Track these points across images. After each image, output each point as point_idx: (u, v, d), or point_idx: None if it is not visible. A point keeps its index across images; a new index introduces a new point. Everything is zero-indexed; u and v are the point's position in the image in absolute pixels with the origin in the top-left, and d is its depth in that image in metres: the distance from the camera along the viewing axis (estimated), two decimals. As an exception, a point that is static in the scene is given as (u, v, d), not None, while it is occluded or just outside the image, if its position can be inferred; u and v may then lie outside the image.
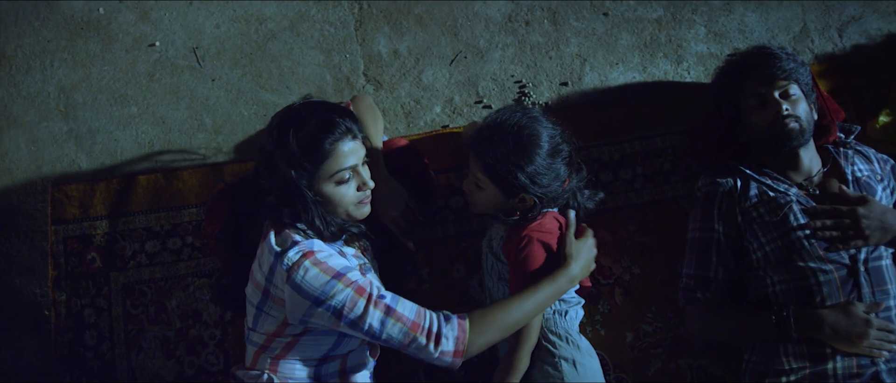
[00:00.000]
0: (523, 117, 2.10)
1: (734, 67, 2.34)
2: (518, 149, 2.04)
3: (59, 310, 2.53)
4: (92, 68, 2.78)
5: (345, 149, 1.95)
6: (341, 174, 1.96)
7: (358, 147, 1.99)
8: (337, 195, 1.99)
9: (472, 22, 2.79)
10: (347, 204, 2.02)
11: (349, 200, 2.01)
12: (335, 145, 1.93)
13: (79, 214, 2.59)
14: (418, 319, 1.90)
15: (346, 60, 2.76)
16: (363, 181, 2.01)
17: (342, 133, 1.94)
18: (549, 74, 2.73)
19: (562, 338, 2.15)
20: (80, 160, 2.69)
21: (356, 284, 1.89)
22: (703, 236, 2.28)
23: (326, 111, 1.98)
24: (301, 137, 1.91)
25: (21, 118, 2.74)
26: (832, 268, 2.09)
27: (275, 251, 1.94)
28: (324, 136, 1.92)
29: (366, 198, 2.05)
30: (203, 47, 2.80)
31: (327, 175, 1.95)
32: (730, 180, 2.29)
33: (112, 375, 2.48)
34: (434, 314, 1.92)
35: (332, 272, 1.89)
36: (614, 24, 2.77)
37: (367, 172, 2.03)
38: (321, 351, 2.02)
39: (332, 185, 1.97)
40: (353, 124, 1.99)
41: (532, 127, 2.08)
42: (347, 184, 1.99)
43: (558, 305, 2.18)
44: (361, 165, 2.01)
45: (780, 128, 2.19)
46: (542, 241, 2.09)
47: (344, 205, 2.02)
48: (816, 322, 2.03)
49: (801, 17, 2.76)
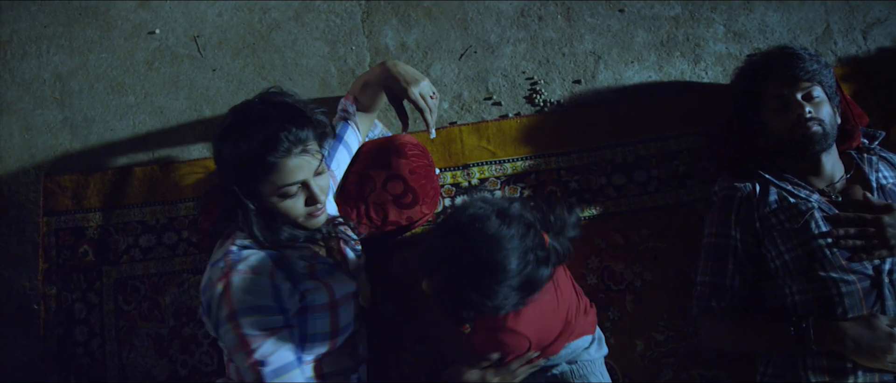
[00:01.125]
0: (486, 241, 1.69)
1: (755, 68, 2.28)
2: (478, 272, 1.69)
3: (48, 305, 2.48)
4: (89, 55, 2.72)
5: (290, 165, 1.86)
6: (286, 189, 1.89)
7: (307, 161, 1.90)
8: (283, 208, 1.93)
9: (482, 16, 2.73)
10: (295, 217, 1.96)
11: (296, 213, 1.95)
12: (280, 161, 1.85)
13: (72, 206, 2.54)
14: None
15: (352, 52, 2.70)
16: (311, 194, 1.93)
17: (286, 150, 1.85)
18: (561, 72, 2.67)
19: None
20: (75, 149, 2.64)
21: (244, 336, 1.80)
22: (720, 242, 2.22)
23: (277, 120, 1.87)
24: (242, 150, 1.84)
25: (15, 105, 2.69)
26: (855, 279, 2.02)
27: (211, 260, 1.92)
28: (266, 153, 1.83)
29: (317, 210, 1.97)
30: (204, 36, 2.73)
31: (271, 189, 1.89)
32: (748, 185, 2.24)
33: (102, 373, 2.44)
34: None
35: (228, 310, 1.82)
36: (630, 21, 2.71)
37: (318, 184, 1.94)
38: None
39: (277, 199, 1.91)
40: (307, 131, 1.91)
41: (501, 254, 1.68)
42: (294, 198, 1.92)
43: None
44: (313, 177, 1.92)
45: (802, 132, 2.14)
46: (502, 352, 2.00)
47: (292, 218, 1.96)
48: (837, 335, 1.96)
49: (825, 17, 2.69)
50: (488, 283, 1.67)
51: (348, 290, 2.05)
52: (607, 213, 2.50)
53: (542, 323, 1.98)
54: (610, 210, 2.51)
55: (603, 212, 2.50)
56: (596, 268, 2.47)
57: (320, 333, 1.96)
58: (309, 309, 1.95)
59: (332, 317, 1.97)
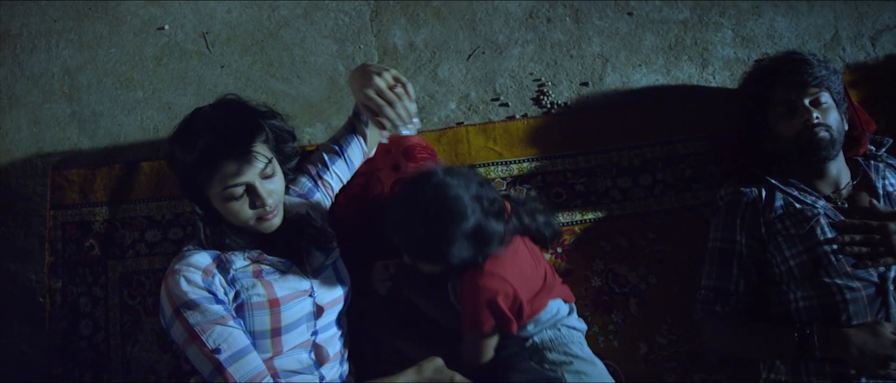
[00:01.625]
0: (432, 187, 1.90)
1: (763, 72, 2.28)
2: (434, 220, 1.88)
3: (54, 298, 2.48)
4: (98, 50, 2.72)
5: (232, 167, 1.89)
6: (230, 191, 1.92)
7: (251, 163, 1.92)
8: (230, 212, 1.96)
9: (491, 16, 2.72)
10: (244, 220, 1.98)
11: (244, 217, 1.97)
12: (221, 162, 1.88)
13: (79, 200, 2.54)
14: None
15: (360, 51, 2.70)
16: (257, 197, 1.95)
17: (227, 152, 1.89)
18: (569, 74, 2.66)
19: (563, 355, 2.07)
20: (83, 144, 2.64)
21: (191, 328, 1.87)
22: (725, 247, 2.22)
23: (222, 123, 1.93)
24: (189, 153, 1.90)
25: (24, 98, 2.69)
26: (860, 286, 2.01)
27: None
28: (210, 154, 1.88)
29: (266, 213, 1.98)
30: (213, 32, 2.73)
31: (216, 191, 1.93)
32: (754, 190, 2.24)
33: (106, 367, 2.43)
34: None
35: (172, 307, 1.90)
36: (638, 25, 2.70)
37: (265, 187, 1.96)
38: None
39: (223, 201, 1.94)
40: (253, 134, 1.96)
41: (438, 196, 1.88)
42: (239, 200, 1.94)
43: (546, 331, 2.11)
44: (259, 179, 1.95)
45: (809, 138, 2.13)
46: (489, 301, 1.99)
47: (241, 221, 1.98)
48: (842, 341, 1.96)
49: (833, 23, 2.69)
50: (442, 228, 1.85)
51: (296, 289, 2.05)
52: (612, 216, 2.50)
53: (520, 270, 2.04)
54: (615, 213, 2.50)
55: (608, 215, 2.50)
56: (600, 270, 2.46)
57: (260, 331, 1.97)
58: (245, 305, 1.97)
59: (273, 316, 1.98)
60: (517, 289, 2.00)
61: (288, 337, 2.00)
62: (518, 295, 2.00)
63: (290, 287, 2.03)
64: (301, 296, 2.05)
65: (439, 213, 1.86)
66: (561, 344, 2.08)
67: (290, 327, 2.01)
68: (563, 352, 2.06)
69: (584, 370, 2.04)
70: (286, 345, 2.01)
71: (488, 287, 1.98)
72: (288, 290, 2.02)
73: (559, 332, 2.10)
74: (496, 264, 2.00)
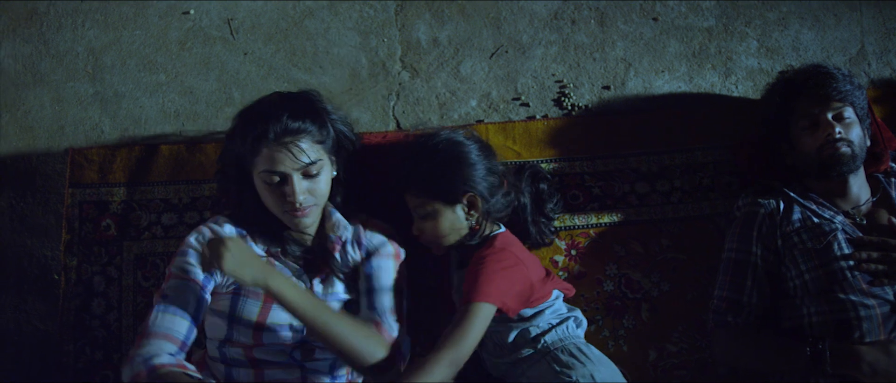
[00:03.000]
0: (435, 136, 2.15)
1: (787, 85, 2.27)
2: (442, 152, 2.09)
3: (69, 276, 2.49)
4: (123, 31, 2.73)
5: (275, 153, 1.93)
6: (267, 176, 1.97)
7: (294, 154, 1.94)
8: (264, 195, 2.02)
9: (516, 16, 2.72)
10: (274, 208, 2.02)
11: (275, 205, 2.01)
12: (268, 146, 1.94)
13: (97, 179, 2.55)
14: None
15: (384, 44, 2.70)
16: (288, 188, 1.97)
17: (275, 138, 1.93)
18: (591, 76, 2.66)
19: (574, 357, 2.07)
20: (104, 124, 2.65)
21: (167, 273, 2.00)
22: (740, 258, 2.21)
23: (282, 110, 1.97)
24: (246, 129, 1.97)
25: (48, 76, 2.70)
26: (875, 304, 2.00)
27: None
28: (260, 135, 1.93)
29: (294, 210, 1.99)
30: (238, 19, 2.74)
31: (257, 172, 1.99)
32: (772, 202, 2.23)
33: (117, 346, 2.45)
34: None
35: (178, 249, 2.04)
36: (663, 30, 2.69)
37: (302, 184, 1.98)
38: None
39: (260, 183, 2.00)
40: (307, 129, 1.98)
41: (446, 136, 2.14)
42: (274, 187, 1.98)
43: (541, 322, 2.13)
44: (298, 174, 1.97)
45: (830, 152, 2.12)
46: (504, 269, 2.03)
47: (272, 208, 2.03)
48: (854, 358, 1.94)
49: (860, 38, 2.67)
50: (455, 162, 2.09)
51: None
52: (628, 221, 2.50)
53: (522, 250, 2.13)
54: (631, 218, 2.50)
55: (624, 220, 2.50)
56: (614, 275, 2.46)
57: (245, 319, 1.98)
58: (242, 289, 2.00)
59: (264, 309, 1.99)
60: (528, 267, 2.05)
61: (270, 336, 1.99)
62: (529, 273, 2.04)
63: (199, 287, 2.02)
64: None
65: (450, 149, 2.09)
66: (571, 344, 2.08)
67: (274, 327, 1.99)
68: (572, 353, 2.06)
69: (597, 371, 2.04)
70: (267, 340, 2.00)
71: (503, 258, 2.03)
72: None
73: (566, 332, 2.11)
74: (507, 240, 2.09)
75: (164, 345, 1.88)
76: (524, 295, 2.05)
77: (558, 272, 2.45)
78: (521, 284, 2.04)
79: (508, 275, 2.02)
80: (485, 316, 1.96)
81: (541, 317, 2.11)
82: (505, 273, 2.01)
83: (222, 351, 2.02)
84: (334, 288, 2.10)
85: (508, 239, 2.16)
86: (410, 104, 2.63)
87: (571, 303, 2.33)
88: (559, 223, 2.48)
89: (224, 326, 2.00)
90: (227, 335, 2.00)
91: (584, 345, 2.12)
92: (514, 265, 2.04)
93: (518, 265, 2.04)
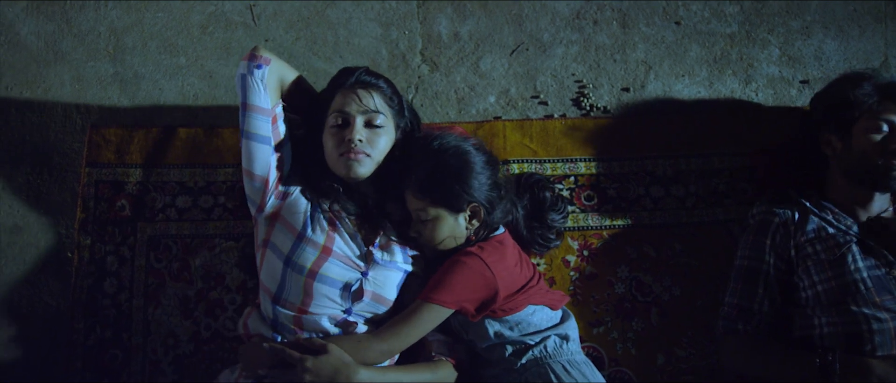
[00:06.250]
0: (443, 140, 2.13)
1: (877, 87, 2.19)
2: (451, 160, 2.08)
3: (82, 254, 2.50)
4: (145, 13, 2.74)
5: (348, 94, 2.12)
6: (337, 115, 2.11)
7: (364, 99, 2.10)
8: (326, 139, 2.13)
9: (538, 14, 2.71)
10: (330, 150, 2.12)
11: (332, 148, 2.11)
12: (343, 88, 2.14)
13: (114, 159, 2.55)
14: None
15: (405, 37, 2.70)
16: (349, 127, 2.08)
17: (352, 83, 2.14)
18: (611, 78, 2.65)
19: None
20: (123, 104, 2.66)
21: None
22: (752, 265, 2.21)
23: (368, 69, 2.21)
24: (333, 78, 2.19)
25: (69, 55, 2.71)
26: (888, 317, 2.00)
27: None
28: (340, 78, 2.17)
29: (349, 152, 2.06)
30: (260, 5, 2.74)
31: (330, 113, 2.13)
32: (787, 211, 2.22)
33: (127, 326, 2.45)
34: None
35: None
36: (685, 34, 2.68)
37: (362, 130, 2.09)
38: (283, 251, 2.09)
39: (328, 126, 2.13)
40: (379, 85, 2.17)
41: (455, 143, 2.13)
42: (336, 129, 2.10)
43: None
44: (362, 119, 2.10)
45: (889, 164, 2.09)
46: (468, 274, 2.05)
47: (328, 151, 2.13)
48: (864, 371, 1.93)
49: (883, 50, 2.66)
50: (457, 158, 2.08)
51: (351, 259, 2.08)
52: (642, 224, 2.50)
53: (505, 265, 2.11)
54: (645, 221, 2.50)
55: (637, 223, 2.50)
56: (625, 277, 2.46)
57: (300, 265, 2.04)
58: (304, 237, 2.07)
59: (319, 258, 2.04)
60: (497, 277, 2.04)
61: (320, 289, 2.02)
62: (496, 282, 2.03)
63: (348, 254, 2.08)
64: (353, 268, 2.08)
65: (459, 158, 2.08)
66: (550, 364, 2.07)
67: (327, 280, 2.03)
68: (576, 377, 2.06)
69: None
70: (316, 298, 2.03)
71: (470, 263, 2.04)
72: (345, 252, 2.08)
73: (559, 349, 2.09)
74: (484, 249, 2.08)
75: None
76: (486, 303, 2.06)
77: (570, 272, 2.45)
78: (483, 292, 2.05)
79: (470, 281, 2.03)
80: (433, 319, 2.03)
81: (508, 326, 2.11)
82: (467, 278, 2.03)
83: (275, 311, 2.05)
84: (394, 258, 2.16)
85: (499, 241, 2.16)
86: (429, 98, 2.63)
87: (581, 305, 2.33)
88: (572, 223, 2.48)
89: (279, 271, 2.04)
90: (279, 285, 2.04)
91: (562, 369, 2.08)
92: (479, 270, 2.04)
93: (483, 270, 2.04)
